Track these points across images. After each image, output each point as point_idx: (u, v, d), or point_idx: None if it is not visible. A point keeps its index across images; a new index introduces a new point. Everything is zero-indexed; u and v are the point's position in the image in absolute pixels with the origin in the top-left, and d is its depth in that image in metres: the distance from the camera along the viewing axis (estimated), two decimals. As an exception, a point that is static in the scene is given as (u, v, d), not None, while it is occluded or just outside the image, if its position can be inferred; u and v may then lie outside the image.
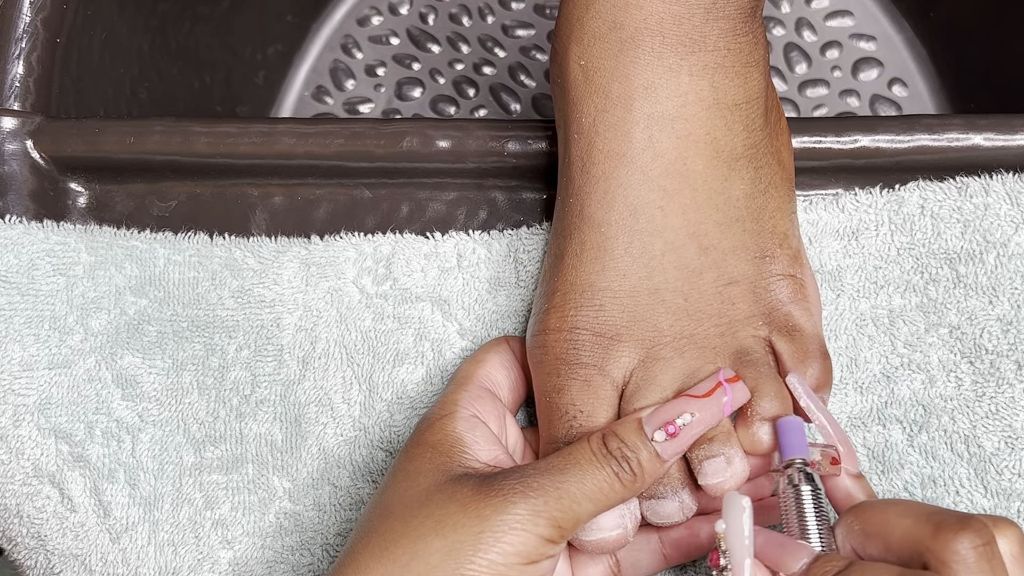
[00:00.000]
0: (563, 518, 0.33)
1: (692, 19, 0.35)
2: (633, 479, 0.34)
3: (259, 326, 0.42)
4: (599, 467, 0.33)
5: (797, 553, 0.33)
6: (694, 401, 0.34)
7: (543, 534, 0.32)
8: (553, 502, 0.32)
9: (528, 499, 0.32)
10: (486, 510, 0.32)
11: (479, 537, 0.32)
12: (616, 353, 0.36)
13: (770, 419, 0.35)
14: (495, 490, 0.33)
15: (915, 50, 0.67)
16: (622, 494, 0.34)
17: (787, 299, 0.37)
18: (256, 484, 0.41)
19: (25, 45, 0.46)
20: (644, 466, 0.34)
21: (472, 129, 0.42)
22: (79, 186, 0.45)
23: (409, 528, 0.33)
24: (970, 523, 0.30)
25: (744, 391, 0.35)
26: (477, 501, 0.32)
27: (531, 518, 0.32)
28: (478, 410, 0.37)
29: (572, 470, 0.33)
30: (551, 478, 0.33)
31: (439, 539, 0.32)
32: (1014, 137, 0.41)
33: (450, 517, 0.32)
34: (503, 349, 0.39)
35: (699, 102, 0.36)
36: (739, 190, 0.37)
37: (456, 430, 0.36)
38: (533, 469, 0.33)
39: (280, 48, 0.69)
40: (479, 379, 0.38)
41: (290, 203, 0.44)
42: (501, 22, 0.70)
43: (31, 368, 0.42)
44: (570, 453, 0.34)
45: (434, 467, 0.34)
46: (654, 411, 0.34)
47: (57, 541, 0.42)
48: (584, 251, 0.37)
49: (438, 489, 0.33)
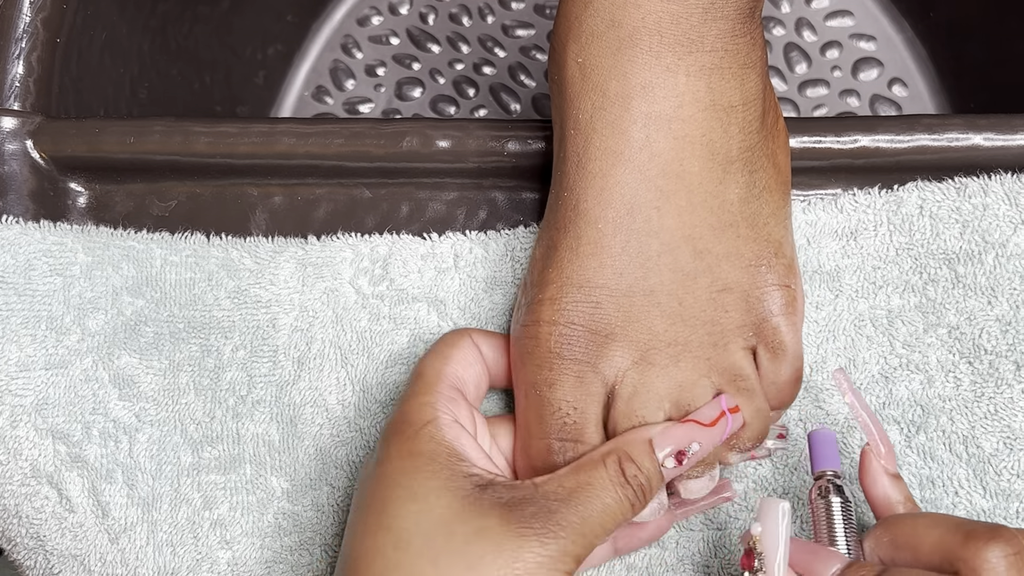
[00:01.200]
0: (583, 552, 0.33)
1: (690, 19, 0.35)
2: (643, 503, 0.35)
3: (255, 327, 0.42)
4: (618, 496, 0.34)
5: (829, 560, 0.33)
6: (702, 430, 0.35)
7: (567, 569, 0.33)
8: (579, 539, 0.33)
9: (559, 539, 0.32)
10: (522, 552, 0.32)
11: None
12: (610, 352, 0.36)
13: (746, 451, 0.37)
14: (526, 527, 0.32)
15: (915, 50, 0.67)
16: (631, 516, 0.35)
17: (778, 311, 0.37)
18: (254, 484, 0.41)
19: (25, 45, 0.46)
20: (654, 488, 0.35)
21: (472, 129, 0.42)
22: (79, 186, 0.45)
23: (440, 569, 0.32)
24: (1001, 532, 0.30)
25: (740, 421, 0.36)
26: (511, 539, 0.32)
27: (561, 557, 0.32)
28: (455, 413, 0.36)
29: (593, 503, 0.33)
30: (576, 513, 0.33)
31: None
32: (1014, 137, 0.41)
33: (483, 559, 0.32)
34: (467, 344, 0.38)
35: (695, 103, 0.36)
36: (734, 194, 0.37)
37: (445, 438, 0.35)
38: (556, 501, 0.33)
39: (280, 48, 0.69)
40: (448, 378, 0.37)
41: (290, 203, 0.44)
42: (501, 22, 0.70)
43: (28, 368, 0.42)
44: (589, 482, 0.34)
45: (440, 485, 0.34)
46: (663, 434, 0.35)
47: (56, 541, 0.42)
48: (580, 246, 0.36)
49: (458, 519, 0.33)
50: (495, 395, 0.42)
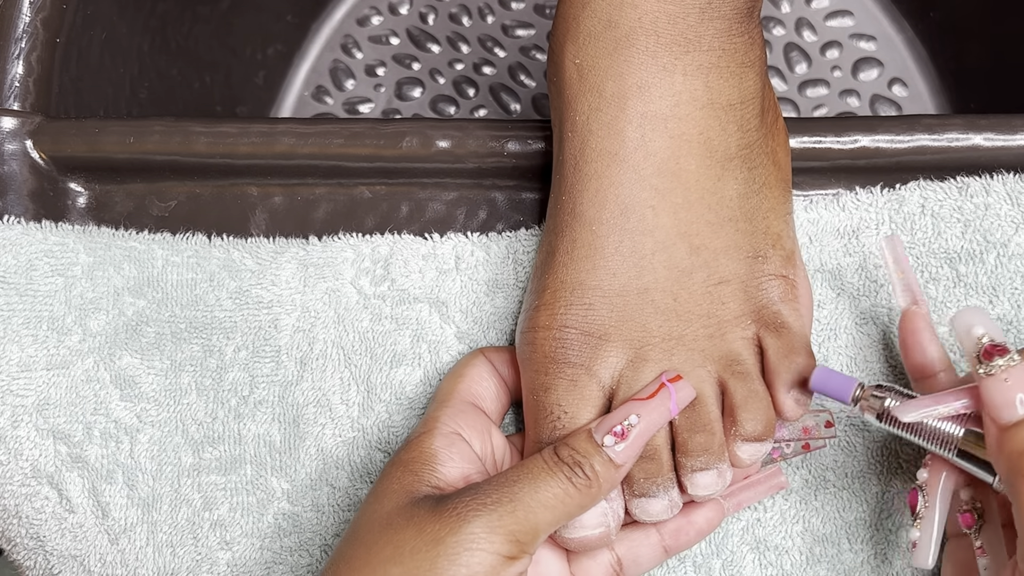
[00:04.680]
0: (520, 531, 0.32)
1: (687, 18, 0.35)
2: (589, 484, 0.34)
3: (257, 327, 0.42)
4: (551, 475, 0.34)
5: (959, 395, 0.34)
6: (638, 404, 0.35)
7: (501, 551, 0.32)
8: (507, 515, 0.32)
9: (481, 516, 0.32)
10: (441, 532, 0.32)
11: (435, 562, 0.32)
12: (604, 353, 0.36)
13: (752, 439, 0.36)
14: (449, 509, 0.32)
15: (915, 50, 0.67)
16: (580, 500, 0.34)
17: (777, 298, 0.37)
18: (254, 485, 0.41)
19: (25, 45, 0.46)
20: (598, 470, 0.34)
21: (472, 129, 0.42)
22: (79, 186, 0.45)
23: (371, 555, 0.33)
24: None
25: (688, 390, 0.35)
26: (433, 522, 0.32)
27: (487, 535, 0.32)
28: (460, 425, 0.37)
29: (524, 481, 0.33)
30: (505, 491, 0.33)
31: (397, 566, 0.32)
32: (1014, 137, 0.41)
33: (407, 542, 0.32)
34: (480, 361, 0.39)
35: (693, 102, 0.36)
36: (732, 190, 0.37)
37: (432, 447, 0.35)
38: (488, 484, 0.33)
39: (280, 48, 0.69)
40: (461, 394, 0.38)
41: (290, 203, 0.44)
42: (501, 22, 0.70)
43: (29, 369, 0.42)
44: (523, 466, 0.34)
45: (400, 487, 0.34)
46: (602, 419, 0.35)
47: (56, 542, 0.42)
48: (575, 249, 0.37)
49: (398, 512, 0.33)
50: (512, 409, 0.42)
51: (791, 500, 0.40)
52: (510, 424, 0.41)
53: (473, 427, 0.37)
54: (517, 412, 0.41)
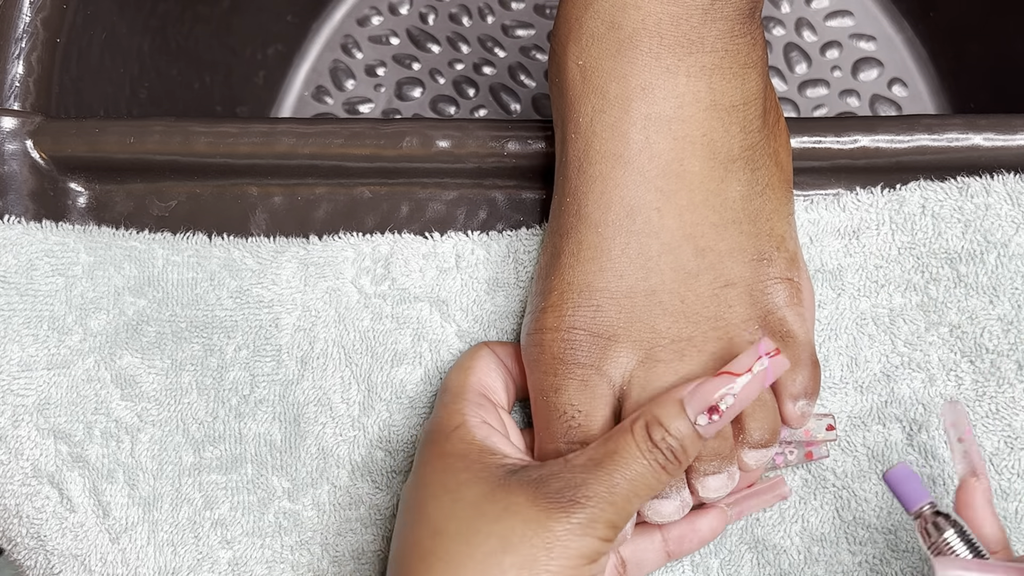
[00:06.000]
0: (617, 519, 0.33)
1: (690, 20, 0.35)
2: (678, 465, 0.34)
3: (257, 326, 0.42)
4: (647, 462, 0.34)
5: None
6: (735, 380, 0.34)
7: (601, 536, 0.33)
8: (608, 507, 0.33)
9: (586, 508, 0.33)
10: (549, 522, 0.33)
11: (550, 549, 0.32)
12: (613, 354, 0.36)
13: (759, 447, 0.36)
14: (552, 501, 0.33)
15: (915, 50, 0.67)
16: (667, 481, 0.34)
17: (783, 303, 0.37)
18: (255, 484, 0.41)
19: (25, 45, 0.46)
20: (687, 450, 0.34)
21: (472, 129, 0.42)
22: (79, 186, 0.45)
23: (473, 547, 0.33)
24: None
25: (783, 362, 0.35)
26: (538, 512, 0.33)
27: (591, 524, 0.33)
28: (483, 416, 0.37)
29: (621, 471, 0.33)
30: (602, 482, 0.33)
31: (510, 556, 0.32)
32: (1014, 137, 0.41)
33: (514, 533, 0.33)
34: (486, 353, 0.39)
35: (696, 103, 0.36)
36: (736, 192, 0.37)
37: (476, 438, 0.36)
38: (583, 473, 0.33)
39: (280, 48, 0.69)
40: (473, 386, 0.38)
41: (290, 203, 0.44)
42: (501, 22, 0.70)
43: (30, 368, 0.42)
44: (616, 450, 0.34)
45: (471, 477, 0.34)
46: (695, 390, 0.34)
47: (57, 541, 0.42)
48: (581, 251, 0.37)
49: (488, 500, 0.34)
50: (516, 406, 0.42)
51: (790, 500, 0.40)
52: (518, 421, 0.41)
53: (493, 418, 0.37)
54: (519, 410, 0.41)
